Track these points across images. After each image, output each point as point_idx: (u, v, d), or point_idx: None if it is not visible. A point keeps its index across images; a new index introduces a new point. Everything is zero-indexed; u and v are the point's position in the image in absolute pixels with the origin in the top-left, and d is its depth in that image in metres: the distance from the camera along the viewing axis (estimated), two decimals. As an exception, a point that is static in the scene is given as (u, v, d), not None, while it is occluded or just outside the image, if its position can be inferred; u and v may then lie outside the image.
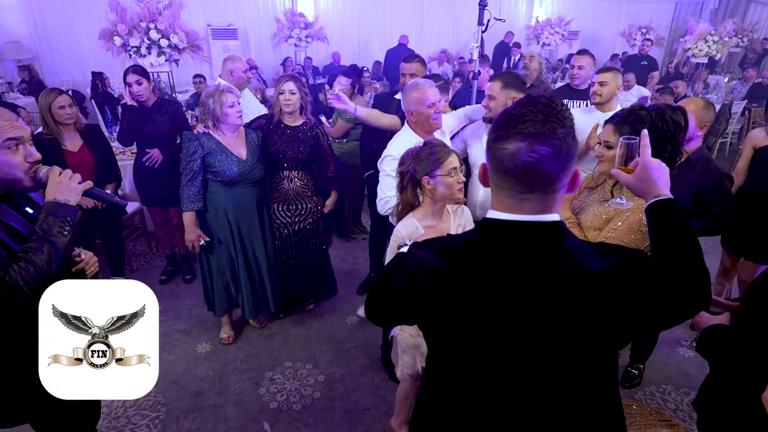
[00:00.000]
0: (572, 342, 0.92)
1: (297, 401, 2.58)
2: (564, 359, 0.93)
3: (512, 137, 0.86)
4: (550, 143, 0.84)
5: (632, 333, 0.96)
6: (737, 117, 7.08)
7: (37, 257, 1.28)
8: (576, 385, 0.95)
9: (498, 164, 0.89)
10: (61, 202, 1.37)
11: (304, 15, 9.22)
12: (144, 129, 3.30)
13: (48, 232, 1.32)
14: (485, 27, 3.33)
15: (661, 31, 10.69)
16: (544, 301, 0.90)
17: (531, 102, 0.88)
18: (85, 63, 8.22)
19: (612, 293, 0.88)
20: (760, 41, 10.45)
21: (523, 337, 0.92)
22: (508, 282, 0.91)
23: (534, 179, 0.87)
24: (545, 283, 0.90)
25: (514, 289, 0.90)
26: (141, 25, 4.40)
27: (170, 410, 2.51)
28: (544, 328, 0.91)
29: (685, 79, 7.83)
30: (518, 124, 0.86)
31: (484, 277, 0.91)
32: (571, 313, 0.89)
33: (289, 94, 2.73)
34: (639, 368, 2.73)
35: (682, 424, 2.41)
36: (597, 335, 0.92)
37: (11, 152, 1.32)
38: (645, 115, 1.58)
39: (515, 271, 0.91)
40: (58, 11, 7.95)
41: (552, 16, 11.19)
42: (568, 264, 0.90)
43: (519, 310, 0.91)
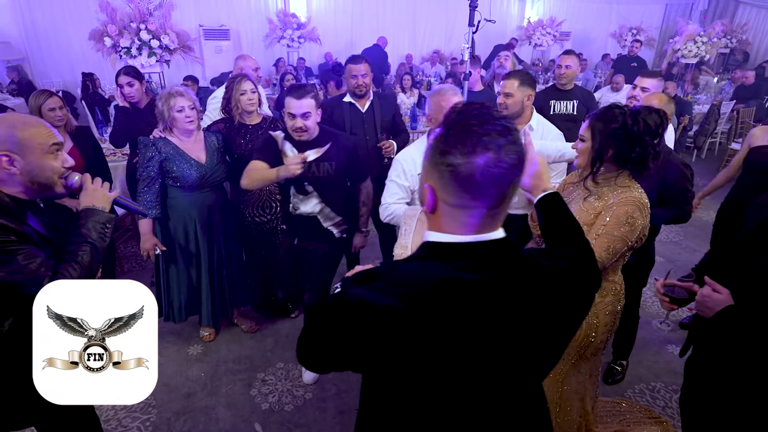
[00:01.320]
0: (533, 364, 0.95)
1: (289, 402, 2.58)
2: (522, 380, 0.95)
3: (478, 149, 0.79)
4: (513, 152, 0.81)
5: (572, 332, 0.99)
6: (726, 117, 7.16)
7: (83, 259, 1.36)
8: (529, 395, 0.99)
9: (463, 181, 0.80)
10: (99, 209, 1.47)
11: (296, 16, 9.22)
12: (137, 130, 3.28)
13: (89, 236, 1.41)
14: (476, 28, 3.35)
15: (651, 32, 10.80)
16: (514, 325, 0.86)
17: (479, 109, 0.83)
18: (75, 64, 8.16)
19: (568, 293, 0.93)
20: (748, 42, 10.58)
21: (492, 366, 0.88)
22: (479, 313, 0.84)
23: (501, 192, 0.82)
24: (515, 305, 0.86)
25: (487, 320, 0.84)
26: (131, 25, 4.39)
27: (161, 412, 2.50)
28: (514, 352, 0.89)
29: (675, 79, 7.91)
30: (481, 134, 0.79)
31: (452, 312, 0.83)
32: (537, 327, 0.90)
33: (250, 93, 2.74)
34: (622, 365, 2.76)
35: (670, 421, 2.45)
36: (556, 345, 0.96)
37: (53, 157, 1.41)
38: (618, 113, 1.62)
39: (487, 300, 0.84)
40: (47, 12, 7.89)
41: (544, 17, 11.26)
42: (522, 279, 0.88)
43: (494, 340, 0.86)
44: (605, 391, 2.64)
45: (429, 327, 0.82)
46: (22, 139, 1.34)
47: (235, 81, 2.74)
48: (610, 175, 1.71)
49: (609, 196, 1.71)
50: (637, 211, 1.65)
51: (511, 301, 0.86)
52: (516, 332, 0.87)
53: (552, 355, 0.98)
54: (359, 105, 3.07)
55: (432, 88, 8.65)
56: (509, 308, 0.86)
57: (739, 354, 1.34)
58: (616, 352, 2.75)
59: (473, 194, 0.81)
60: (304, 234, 2.62)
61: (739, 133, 6.53)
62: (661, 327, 1.81)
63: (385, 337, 0.82)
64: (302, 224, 2.56)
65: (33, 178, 1.38)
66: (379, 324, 0.81)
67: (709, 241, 3.14)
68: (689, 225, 4.79)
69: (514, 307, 0.86)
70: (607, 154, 1.64)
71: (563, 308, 0.92)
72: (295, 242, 2.66)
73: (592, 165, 1.68)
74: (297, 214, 2.51)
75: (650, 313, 3.37)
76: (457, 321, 0.83)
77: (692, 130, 6.95)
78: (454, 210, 0.84)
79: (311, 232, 2.57)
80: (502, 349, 0.88)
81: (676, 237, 4.63)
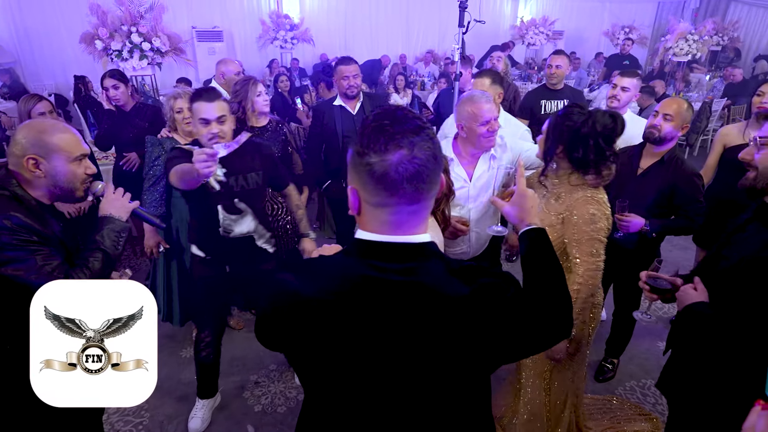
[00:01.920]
0: (438, 372, 0.89)
1: (282, 404, 2.58)
2: (429, 388, 0.90)
3: (390, 147, 0.81)
4: (426, 148, 0.82)
5: (497, 358, 0.92)
6: (717, 115, 7.21)
7: (94, 266, 1.41)
8: (443, 410, 0.92)
9: (379, 179, 0.82)
10: (115, 218, 1.51)
11: (289, 17, 9.21)
12: (122, 133, 3.28)
13: (103, 243, 1.46)
14: (466, 29, 3.36)
15: (644, 30, 10.83)
16: (410, 331, 0.86)
17: (393, 110, 0.86)
18: (67, 66, 8.13)
19: (471, 319, 0.85)
20: (739, 39, 10.64)
21: (390, 368, 0.88)
22: (380, 311, 0.85)
23: (418, 188, 0.83)
24: (411, 311, 0.86)
25: (384, 318, 0.86)
26: (122, 28, 4.38)
27: (154, 416, 2.50)
28: (410, 358, 0.87)
29: (667, 77, 7.96)
30: (393, 133, 0.81)
31: (355, 305, 0.86)
32: (435, 341, 0.86)
33: (265, 95, 2.77)
34: (613, 362, 2.77)
35: (660, 417, 2.47)
36: (461, 363, 0.88)
37: (77, 164, 1.47)
38: (577, 112, 1.67)
39: (389, 299, 0.86)
40: (39, 14, 7.86)
41: (536, 16, 11.29)
42: (433, 290, 0.86)
43: (387, 341, 0.86)
44: (596, 389, 2.66)
45: (335, 319, 0.86)
46: (49, 144, 1.40)
47: (248, 84, 2.75)
48: (563, 173, 1.77)
49: (566, 198, 1.75)
50: (592, 206, 1.70)
51: (410, 311, 0.85)
52: (407, 345, 0.86)
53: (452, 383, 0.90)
54: (349, 107, 3.08)
55: (425, 87, 8.68)
56: (407, 317, 0.85)
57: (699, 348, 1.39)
58: (609, 349, 2.77)
59: (390, 191, 0.83)
60: (237, 259, 2.24)
61: (731, 131, 6.57)
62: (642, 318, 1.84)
63: (296, 323, 0.88)
64: (234, 248, 2.19)
65: (56, 182, 1.44)
66: (292, 309, 0.88)
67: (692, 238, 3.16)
68: (681, 222, 4.83)
69: (410, 318, 0.85)
70: (557, 150, 1.71)
71: (456, 338, 0.86)
72: (227, 270, 2.25)
73: (544, 158, 1.77)
74: (231, 237, 2.16)
75: (641, 310, 3.38)
76: (361, 318, 0.86)
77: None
78: (375, 209, 0.86)
79: (247, 256, 2.25)
80: (393, 359, 0.87)
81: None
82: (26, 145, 1.39)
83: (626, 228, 2.12)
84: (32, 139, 1.39)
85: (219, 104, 1.99)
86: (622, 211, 2.10)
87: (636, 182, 2.30)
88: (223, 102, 2.02)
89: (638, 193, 2.25)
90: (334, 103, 3.11)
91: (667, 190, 2.22)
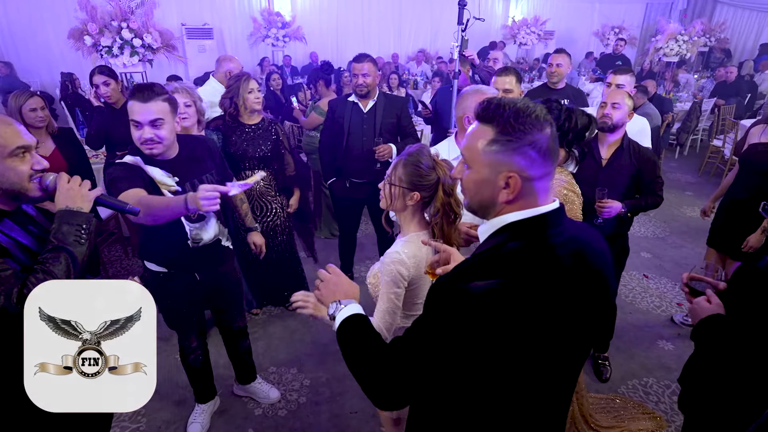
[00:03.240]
0: (591, 332, 1.01)
1: (282, 407, 2.53)
2: (584, 349, 1.04)
3: (541, 125, 0.92)
4: (551, 123, 0.95)
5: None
6: (707, 114, 7.29)
7: (56, 268, 1.22)
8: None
9: (540, 152, 0.92)
10: (73, 210, 1.31)
11: (281, 14, 9.13)
12: (114, 131, 3.20)
13: (63, 241, 1.26)
14: (465, 26, 3.34)
15: (633, 30, 10.95)
16: (592, 296, 0.98)
17: (506, 99, 0.96)
18: (53, 63, 7.97)
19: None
20: (726, 40, 10.80)
21: (575, 341, 0.98)
22: (576, 283, 0.94)
23: (554, 158, 0.96)
24: (592, 275, 0.98)
25: (581, 290, 0.95)
26: (113, 24, 4.28)
27: (151, 421, 2.44)
28: (587, 325, 0.98)
29: (657, 77, 8.03)
30: (534, 114, 0.92)
31: (560, 285, 0.92)
32: (597, 300, 0.99)
33: (257, 92, 2.72)
34: (606, 358, 2.77)
35: (663, 416, 2.47)
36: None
37: (18, 159, 1.27)
38: (556, 106, 1.76)
39: (578, 268, 0.95)
40: (24, 11, 7.68)
41: (528, 16, 11.34)
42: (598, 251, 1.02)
43: (582, 312, 0.96)
44: (599, 388, 2.66)
45: (547, 303, 0.89)
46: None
47: (241, 80, 2.69)
48: None
49: None
50: (569, 191, 1.85)
51: (591, 269, 0.97)
52: (591, 301, 0.97)
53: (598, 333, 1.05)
54: (362, 105, 3.05)
55: (418, 86, 8.65)
56: (591, 278, 0.97)
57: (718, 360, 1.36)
58: (596, 347, 2.76)
59: (546, 161, 0.93)
60: (206, 265, 2.12)
61: (720, 130, 6.65)
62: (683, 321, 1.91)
63: (516, 321, 0.87)
64: (201, 255, 2.05)
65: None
66: (512, 309, 0.86)
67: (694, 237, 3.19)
68: (675, 221, 4.88)
69: (593, 278, 0.98)
70: None
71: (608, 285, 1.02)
72: (198, 278, 2.12)
73: None
74: (201, 246, 2.04)
75: (639, 309, 3.40)
76: (564, 294, 0.91)
77: (675, 126, 7.07)
78: (532, 184, 0.94)
79: (214, 259, 2.14)
80: (582, 324, 0.97)
81: (662, 233, 4.69)
82: None
83: (608, 213, 2.27)
84: None
85: (156, 105, 1.75)
86: (602, 198, 2.26)
87: (604, 172, 2.45)
88: (163, 103, 1.77)
89: (610, 181, 2.41)
90: (348, 98, 3.09)
91: (636, 173, 2.43)
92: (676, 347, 2.99)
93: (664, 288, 3.69)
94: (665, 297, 3.56)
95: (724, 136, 6.29)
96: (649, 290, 3.66)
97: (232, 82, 2.73)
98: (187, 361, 2.27)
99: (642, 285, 3.72)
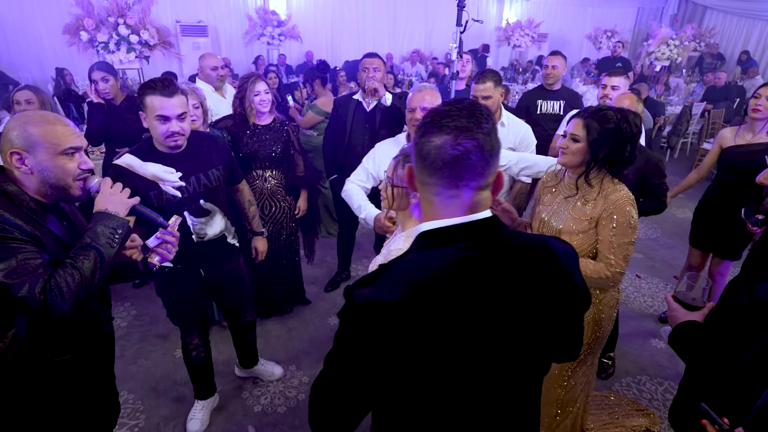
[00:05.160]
0: (532, 347, 0.92)
1: (281, 404, 2.54)
2: (526, 365, 0.93)
3: (439, 131, 0.85)
4: (474, 137, 0.85)
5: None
6: (697, 118, 7.41)
7: (84, 264, 1.25)
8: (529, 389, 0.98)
9: (423, 159, 0.87)
10: (111, 213, 1.36)
11: (276, 13, 9.11)
12: (114, 128, 3.18)
13: (96, 240, 1.30)
14: (464, 28, 3.37)
15: (624, 35, 11.07)
16: (518, 306, 0.88)
17: (456, 102, 0.89)
18: (44, 59, 7.88)
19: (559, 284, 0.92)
20: (716, 45, 10.97)
21: (499, 350, 0.88)
22: (487, 293, 0.86)
23: (459, 173, 0.86)
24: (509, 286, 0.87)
25: (494, 300, 0.86)
26: (109, 20, 4.25)
27: (150, 417, 2.44)
28: (515, 335, 0.88)
29: (648, 81, 8.14)
30: (444, 119, 0.86)
31: (463, 294, 0.84)
32: (533, 313, 0.89)
33: (264, 94, 2.68)
34: (611, 357, 2.82)
35: (657, 412, 2.52)
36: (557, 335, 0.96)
37: (68, 158, 1.32)
38: (612, 115, 1.63)
39: (492, 278, 0.87)
40: (15, 5, 7.58)
41: (522, 19, 11.43)
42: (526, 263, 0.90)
43: (502, 322, 0.87)
44: (595, 386, 2.70)
45: (443, 314, 0.82)
46: (33, 137, 1.27)
47: (249, 81, 2.67)
48: (598, 176, 1.72)
49: (598, 200, 1.71)
50: (633, 210, 1.69)
51: (514, 279, 0.88)
52: (520, 314, 0.88)
53: (553, 346, 0.97)
54: (365, 104, 3.07)
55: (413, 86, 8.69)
56: (513, 288, 0.87)
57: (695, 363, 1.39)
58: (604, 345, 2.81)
59: (430, 171, 0.88)
60: (211, 261, 2.14)
61: (710, 133, 6.77)
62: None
63: (403, 335, 0.80)
64: (207, 251, 2.08)
65: (45, 179, 1.30)
66: (393, 321, 0.80)
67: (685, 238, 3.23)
68: (666, 222, 4.96)
69: (517, 287, 0.88)
70: (600, 155, 1.66)
71: (561, 294, 0.92)
72: (203, 274, 2.14)
73: (587, 165, 1.69)
74: (207, 242, 2.06)
75: (632, 308, 3.46)
76: (469, 303, 0.84)
77: (666, 130, 7.17)
78: (423, 187, 0.91)
79: (219, 255, 2.15)
80: (510, 334, 0.88)
81: (654, 234, 4.77)
82: (12, 138, 1.27)
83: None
84: (16, 130, 1.27)
85: (179, 99, 1.82)
86: None
87: None
88: (183, 96, 1.85)
89: None
90: (353, 96, 3.10)
91: (640, 177, 2.43)
92: (668, 346, 3.04)
93: (656, 288, 3.75)
94: (657, 297, 3.62)
95: (714, 139, 6.39)
96: (641, 290, 3.72)
97: (242, 82, 2.72)
98: (188, 358, 2.28)
99: (635, 285, 3.78)
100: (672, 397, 2.57)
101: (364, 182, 2.44)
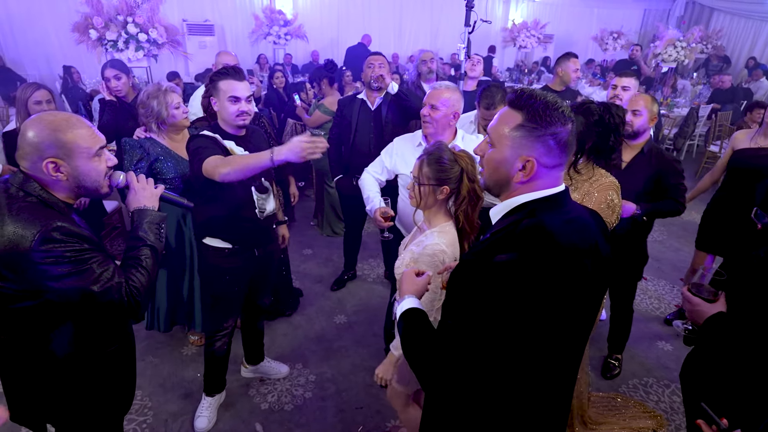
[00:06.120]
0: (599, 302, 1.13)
1: (288, 402, 2.55)
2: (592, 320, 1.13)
3: (567, 120, 1.01)
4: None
5: None
6: (704, 120, 7.38)
7: (148, 263, 1.31)
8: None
9: (559, 144, 1.01)
10: (150, 209, 1.40)
11: (283, 12, 9.13)
12: (126, 126, 3.19)
13: (148, 238, 1.35)
14: (472, 28, 3.37)
15: (631, 36, 11.05)
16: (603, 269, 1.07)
17: (552, 95, 1.05)
18: (51, 57, 7.92)
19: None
20: (723, 47, 10.92)
21: (585, 312, 1.07)
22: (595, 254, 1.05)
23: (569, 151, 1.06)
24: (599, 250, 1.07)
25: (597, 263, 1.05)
26: (118, 18, 4.27)
27: (158, 414, 2.45)
28: (595, 297, 1.07)
29: (655, 83, 8.12)
30: (563, 109, 1.01)
31: (584, 254, 1.01)
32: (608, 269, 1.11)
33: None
34: (618, 359, 2.82)
35: (663, 414, 2.52)
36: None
37: (98, 159, 1.33)
38: (595, 108, 1.77)
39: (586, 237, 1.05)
40: (23, 3, 7.63)
41: (528, 19, 11.41)
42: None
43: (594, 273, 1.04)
44: (601, 386, 2.70)
45: (562, 274, 0.96)
46: (67, 143, 1.25)
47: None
48: (587, 164, 1.86)
49: (584, 186, 1.85)
50: (614, 193, 1.81)
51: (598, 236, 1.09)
52: (603, 268, 1.07)
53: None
54: (369, 102, 3.07)
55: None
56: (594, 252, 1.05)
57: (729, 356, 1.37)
58: (612, 346, 2.81)
59: (563, 154, 1.03)
60: (265, 241, 2.29)
61: (717, 136, 6.74)
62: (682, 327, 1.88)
63: (535, 291, 0.94)
64: (262, 230, 2.23)
65: (80, 183, 1.30)
66: (532, 279, 0.93)
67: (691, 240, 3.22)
68: (673, 225, 4.94)
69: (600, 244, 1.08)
70: (587, 146, 1.80)
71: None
72: (257, 254, 2.25)
73: (575, 155, 1.83)
74: (265, 218, 2.20)
75: (639, 310, 3.45)
76: (575, 266, 0.98)
77: (672, 132, 7.15)
78: (547, 171, 1.03)
79: (270, 235, 2.33)
80: (597, 288, 1.08)
81: (661, 236, 4.75)
82: (41, 146, 1.22)
83: (622, 213, 2.24)
84: (47, 138, 1.22)
85: (247, 84, 2.04)
86: None
87: (622, 175, 2.44)
88: (248, 83, 2.08)
89: (626, 184, 2.41)
90: (357, 95, 3.11)
91: (654, 176, 2.38)
92: (674, 348, 3.04)
93: (662, 290, 3.74)
94: (663, 299, 3.61)
95: (721, 141, 6.38)
96: (648, 292, 3.71)
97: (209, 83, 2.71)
98: (212, 348, 2.32)
99: (641, 287, 3.77)
100: (678, 400, 2.58)
101: (379, 174, 2.50)
